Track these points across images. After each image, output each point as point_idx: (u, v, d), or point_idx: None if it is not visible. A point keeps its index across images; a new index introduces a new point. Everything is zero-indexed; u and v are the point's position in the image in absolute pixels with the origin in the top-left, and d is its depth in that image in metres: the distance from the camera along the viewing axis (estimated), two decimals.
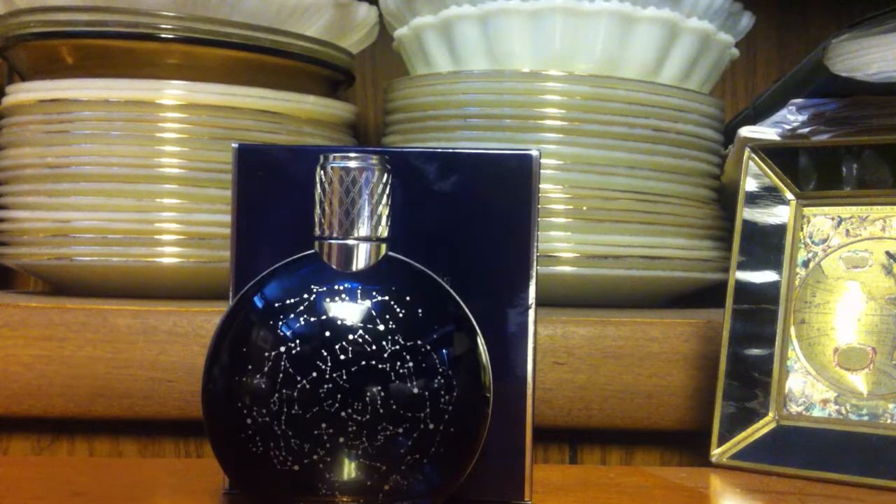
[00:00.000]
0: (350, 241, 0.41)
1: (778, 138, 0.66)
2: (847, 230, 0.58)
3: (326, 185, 0.41)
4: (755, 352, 0.58)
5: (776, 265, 0.59)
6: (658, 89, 0.72)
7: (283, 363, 0.39)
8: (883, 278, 0.56)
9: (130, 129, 0.70)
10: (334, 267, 0.41)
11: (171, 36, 0.71)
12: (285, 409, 0.39)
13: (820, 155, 0.59)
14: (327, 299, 0.40)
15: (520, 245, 0.46)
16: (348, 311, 0.40)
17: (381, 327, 0.40)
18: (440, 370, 0.40)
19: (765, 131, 0.67)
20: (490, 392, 0.42)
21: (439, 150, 0.47)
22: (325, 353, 0.39)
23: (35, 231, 0.72)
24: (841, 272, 0.57)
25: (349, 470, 0.39)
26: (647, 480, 0.55)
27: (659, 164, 0.73)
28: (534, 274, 0.46)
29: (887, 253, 0.56)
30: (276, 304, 0.40)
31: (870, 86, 0.62)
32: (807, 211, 0.59)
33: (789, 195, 0.59)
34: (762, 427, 0.57)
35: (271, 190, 0.46)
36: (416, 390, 0.39)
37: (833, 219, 0.58)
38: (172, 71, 0.72)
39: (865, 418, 0.55)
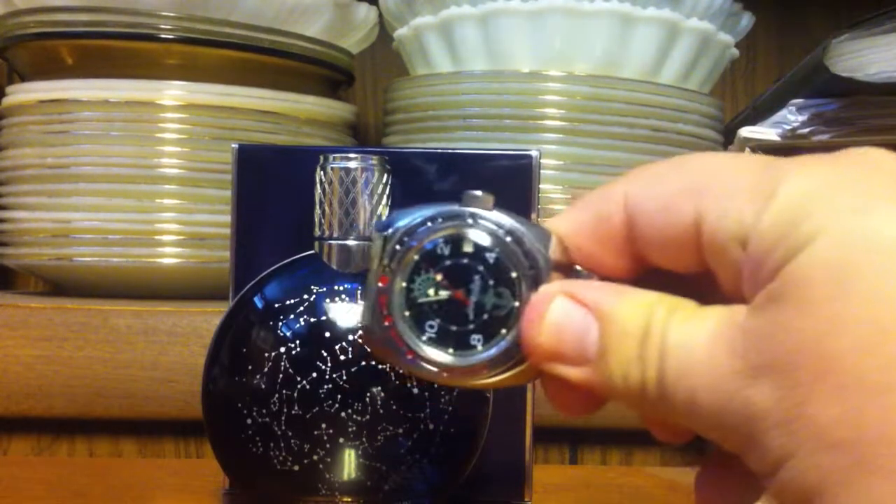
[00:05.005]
0: (350, 242, 0.41)
1: (778, 138, 0.66)
2: None
3: (326, 186, 0.41)
4: None
5: None
6: (658, 89, 0.72)
7: (283, 363, 0.39)
8: None
9: (130, 130, 0.70)
10: (334, 267, 0.41)
11: (171, 36, 0.71)
12: (285, 410, 0.39)
13: None
14: (327, 300, 0.40)
15: None
16: (348, 311, 0.40)
17: None
18: None
19: (765, 131, 0.67)
20: (490, 392, 0.42)
21: (439, 150, 0.47)
22: (325, 354, 0.39)
23: (35, 231, 0.72)
24: None
25: (349, 470, 0.39)
26: (647, 480, 0.55)
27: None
28: None
29: None
30: (276, 305, 0.40)
31: (870, 86, 0.62)
32: None
33: None
34: None
35: (271, 190, 0.46)
36: (415, 390, 0.39)
37: None
38: (172, 71, 0.72)
39: None
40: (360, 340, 0.39)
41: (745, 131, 0.67)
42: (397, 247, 0.30)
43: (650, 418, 0.29)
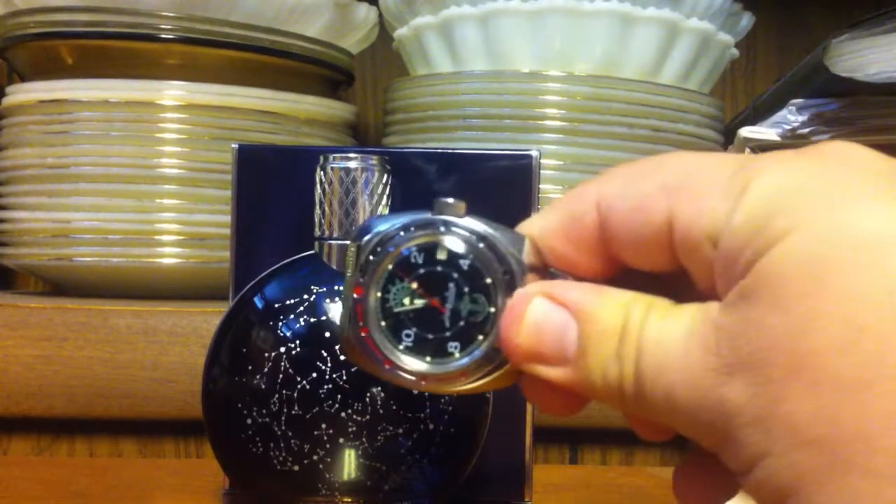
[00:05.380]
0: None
1: (778, 138, 0.66)
2: None
3: (326, 186, 0.41)
4: None
5: None
6: (658, 89, 0.72)
7: (283, 364, 0.39)
8: None
9: (130, 130, 0.70)
10: (334, 267, 0.41)
11: (170, 36, 0.71)
12: (285, 410, 0.39)
13: None
14: (327, 300, 0.40)
15: None
16: None
17: None
18: None
19: (765, 131, 0.67)
20: (490, 392, 0.42)
21: (439, 150, 0.47)
22: (325, 354, 0.39)
23: (35, 231, 0.72)
24: None
25: (349, 470, 0.39)
26: (647, 480, 0.55)
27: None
28: None
29: None
30: (276, 305, 0.40)
31: (870, 86, 0.62)
32: None
33: None
34: None
35: (271, 190, 0.46)
36: (415, 391, 0.39)
37: None
38: (172, 71, 0.72)
39: None
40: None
41: (745, 131, 0.67)
42: (371, 256, 0.30)
43: (632, 416, 0.29)
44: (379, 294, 0.30)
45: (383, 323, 0.30)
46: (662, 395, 0.26)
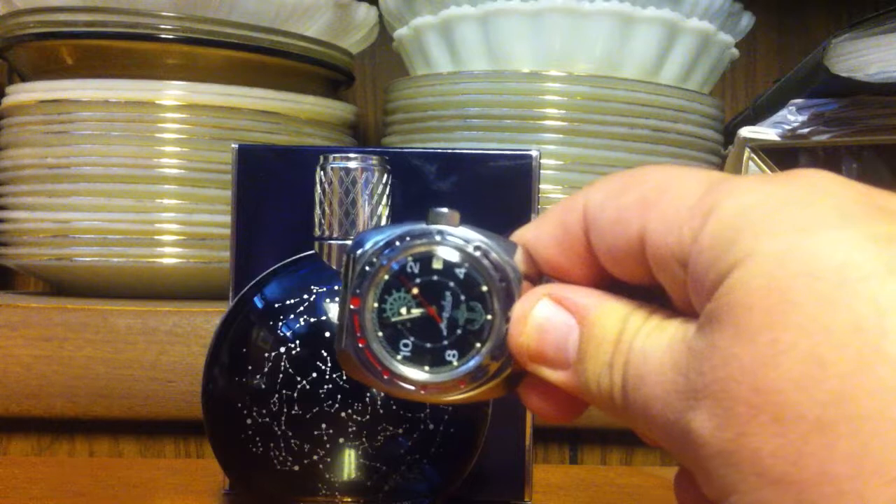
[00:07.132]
0: (350, 242, 0.41)
1: (778, 138, 0.66)
2: None
3: (326, 186, 0.41)
4: None
5: None
6: (658, 89, 0.72)
7: (283, 364, 0.39)
8: None
9: (130, 130, 0.70)
10: (334, 267, 0.41)
11: (170, 36, 0.71)
12: (285, 410, 0.39)
13: (820, 155, 0.58)
14: (327, 300, 0.40)
15: None
16: None
17: None
18: None
19: (765, 131, 0.67)
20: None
21: (439, 150, 0.47)
22: (325, 354, 0.39)
23: (35, 231, 0.72)
24: None
25: (349, 470, 0.39)
26: (647, 480, 0.55)
27: (659, 164, 0.72)
28: None
29: None
30: (276, 305, 0.40)
31: (870, 86, 0.62)
32: None
33: None
34: None
35: (271, 190, 0.46)
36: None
37: None
38: (172, 71, 0.72)
39: None
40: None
41: (745, 131, 0.67)
42: (367, 267, 0.30)
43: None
44: (376, 304, 0.30)
45: (380, 333, 0.30)
46: (641, 408, 0.26)
